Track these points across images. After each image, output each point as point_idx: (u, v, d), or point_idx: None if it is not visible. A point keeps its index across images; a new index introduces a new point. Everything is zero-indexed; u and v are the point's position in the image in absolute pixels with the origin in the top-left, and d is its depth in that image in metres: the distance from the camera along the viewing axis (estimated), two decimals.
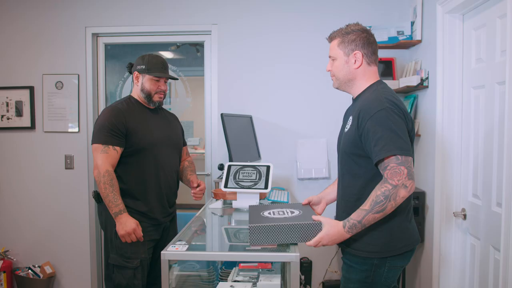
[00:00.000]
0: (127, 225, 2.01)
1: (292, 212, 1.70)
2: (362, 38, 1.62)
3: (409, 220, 1.61)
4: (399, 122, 1.49)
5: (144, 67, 2.16)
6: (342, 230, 1.51)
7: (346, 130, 1.64)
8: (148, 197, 2.15)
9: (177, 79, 2.43)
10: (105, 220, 2.15)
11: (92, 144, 2.10)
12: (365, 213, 1.47)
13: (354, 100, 1.71)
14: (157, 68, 2.17)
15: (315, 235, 1.53)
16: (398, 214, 1.55)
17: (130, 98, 2.24)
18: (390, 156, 1.45)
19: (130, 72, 2.27)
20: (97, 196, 2.18)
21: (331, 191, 1.89)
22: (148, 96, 2.18)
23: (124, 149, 2.10)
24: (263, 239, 1.53)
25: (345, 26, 1.67)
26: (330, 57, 1.70)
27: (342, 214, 1.65)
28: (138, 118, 2.16)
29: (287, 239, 1.53)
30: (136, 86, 2.21)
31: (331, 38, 1.69)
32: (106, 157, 2.03)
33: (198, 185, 2.32)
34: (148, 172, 2.15)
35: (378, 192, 1.46)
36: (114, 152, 2.06)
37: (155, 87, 2.17)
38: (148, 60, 2.16)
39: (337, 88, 1.73)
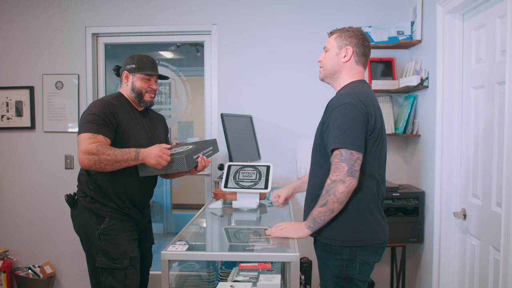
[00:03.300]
0: (152, 154, 1.89)
1: (187, 146, 2.10)
2: (358, 38, 1.72)
3: (373, 216, 1.63)
4: (358, 119, 1.55)
5: (134, 66, 2.10)
6: (302, 224, 1.65)
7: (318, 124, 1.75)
8: (130, 199, 2.05)
9: (167, 78, 2.31)
10: (85, 223, 2.02)
11: (78, 135, 1.91)
12: (314, 207, 1.59)
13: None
14: (148, 66, 2.12)
15: (189, 167, 1.96)
16: (360, 208, 1.61)
17: (120, 95, 2.13)
18: (337, 150, 1.54)
19: (118, 75, 2.19)
20: (71, 200, 2.07)
21: (302, 183, 2.04)
22: (139, 95, 2.11)
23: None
24: (149, 171, 1.99)
25: (348, 26, 1.78)
26: (324, 48, 1.79)
27: (306, 203, 1.74)
28: (129, 118, 2.07)
29: (168, 170, 1.96)
30: (126, 85, 2.12)
31: (331, 33, 1.79)
32: (93, 141, 1.88)
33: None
34: (132, 176, 2.03)
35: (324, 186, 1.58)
36: (103, 140, 1.90)
37: (146, 85, 2.11)
38: (138, 59, 2.11)
39: (321, 80, 1.81)
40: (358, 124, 1.55)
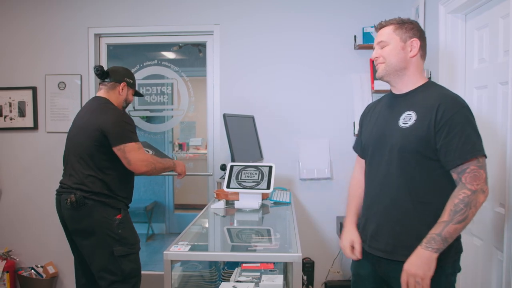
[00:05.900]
0: (181, 167, 2.49)
1: (147, 152, 2.36)
2: (419, 29, 1.55)
3: None
4: (476, 123, 1.45)
5: (132, 82, 2.40)
6: (419, 250, 1.39)
7: (405, 125, 1.49)
8: (130, 194, 2.37)
9: (143, 95, 2.89)
10: (100, 217, 2.16)
11: (126, 143, 2.15)
12: (444, 225, 1.36)
13: (404, 94, 1.58)
14: (135, 85, 2.46)
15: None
16: None
17: (113, 105, 2.31)
18: (475, 158, 1.37)
19: (103, 78, 2.31)
20: (81, 200, 2.15)
21: (358, 209, 1.75)
22: (125, 107, 2.44)
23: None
24: None
25: (397, 17, 1.58)
26: (379, 43, 1.56)
27: (392, 214, 1.51)
28: None
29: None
30: (119, 95, 2.34)
31: (381, 25, 1.58)
32: (142, 150, 2.23)
33: None
34: (131, 173, 2.31)
35: (455, 200, 1.36)
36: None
37: (131, 100, 2.45)
38: (133, 76, 2.42)
39: (381, 78, 1.59)
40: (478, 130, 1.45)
